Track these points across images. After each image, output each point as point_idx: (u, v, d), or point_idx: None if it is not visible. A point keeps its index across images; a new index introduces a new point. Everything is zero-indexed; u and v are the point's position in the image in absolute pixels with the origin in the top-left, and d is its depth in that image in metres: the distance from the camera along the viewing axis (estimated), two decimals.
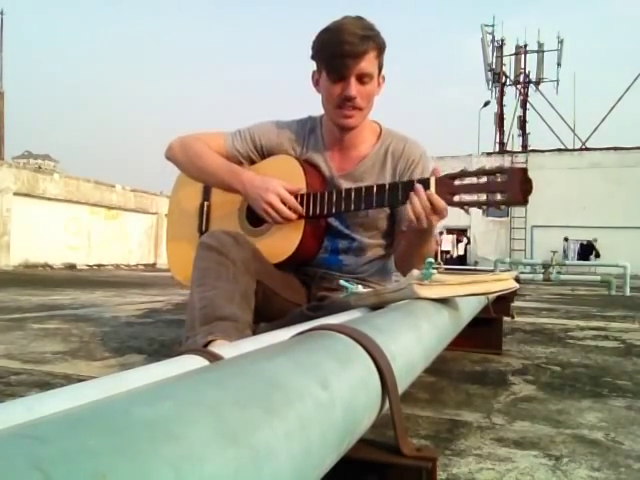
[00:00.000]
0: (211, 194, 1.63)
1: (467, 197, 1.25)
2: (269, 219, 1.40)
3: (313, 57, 1.42)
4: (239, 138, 1.54)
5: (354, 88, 1.35)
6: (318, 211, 1.40)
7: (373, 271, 1.54)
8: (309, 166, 1.48)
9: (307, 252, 1.46)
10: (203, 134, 1.56)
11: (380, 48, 1.38)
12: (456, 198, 1.25)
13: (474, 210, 1.29)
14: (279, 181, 1.40)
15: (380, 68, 1.41)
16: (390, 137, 1.52)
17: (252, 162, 1.56)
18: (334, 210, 1.40)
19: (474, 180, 1.25)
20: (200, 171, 1.51)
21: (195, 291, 1.22)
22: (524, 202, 1.21)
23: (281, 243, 1.44)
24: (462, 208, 1.26)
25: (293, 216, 1.39)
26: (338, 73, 1.34)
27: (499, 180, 1.22)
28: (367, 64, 1.34)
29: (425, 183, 1.26)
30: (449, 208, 1.26)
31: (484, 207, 1.24)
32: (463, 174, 1.25)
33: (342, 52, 1.31)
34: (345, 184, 1.48)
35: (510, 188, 1.21)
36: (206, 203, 1.63)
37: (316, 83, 1.45)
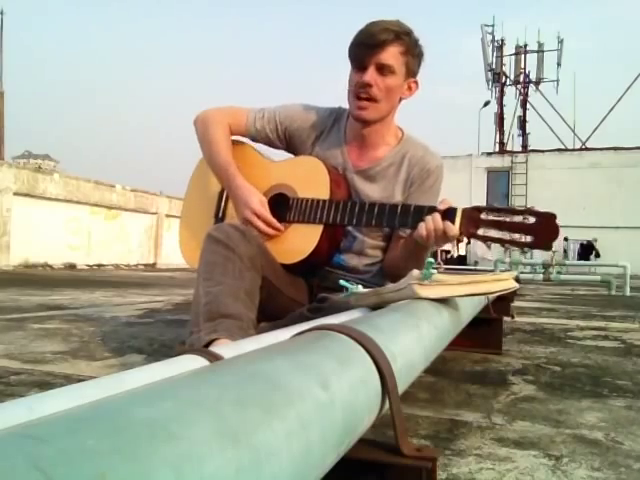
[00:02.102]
0: None
1: (491, 233, 1.24)
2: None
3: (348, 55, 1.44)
4: (261, 118, 1.56)
5: (370, 75, 1.36)
6: (338, 220, 1.39)
7: (375, 273, 1.54)
8: (335, 174, 1.48)
9: (320, 257, 1.44)
10: (229, 109, 1.59)
11: (408, 47, 1.39)
12: (480, 231, 1.25)
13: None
14: (259, 197, 1.44)
15: (409, 69, 1.42)
16: (410, 143, 1.53)
17: (270, 142, 1.57)
18: (354, 222, 1.39)
19: (501, 217, 1.24)
20: (207, 156, 1.56)
21: (201, 285, 1.22)
22: (549, 248, 1.22)
23: (296, 245, 1.42)
24: (485, 243, 1.26)
25: (269, 231, 1.42)
26: (358, 61, 1.38)
27: (527, 222, 1.22)
28: (388, 56, 1.36)
29: (451, 213, 1.26)
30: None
31: (507, 246, 1.24)
32: (491, 208, 1.26)
33: (363, 40, 1.36)
34: (358, 181, 1.49)
35: (538, 233, 1.21)
36: (226, 190, 1.61)
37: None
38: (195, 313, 1.19)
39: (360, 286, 1.21)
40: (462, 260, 21.23)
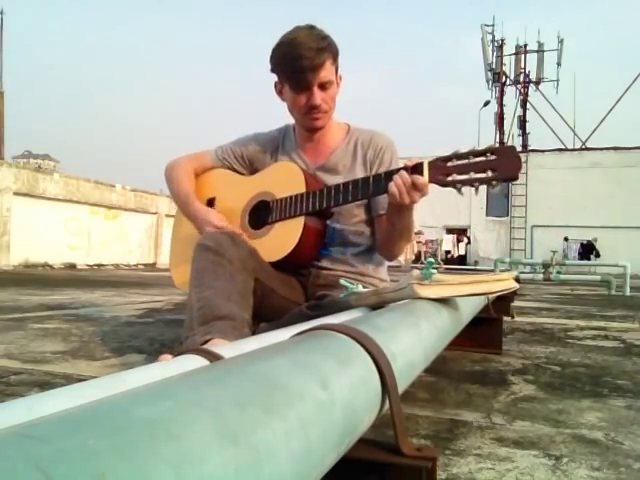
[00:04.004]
0: (215, 206, 1.66)
1: (459, 177, 1.29)
2: None
3: (273, 70, 1.51)
4: (221, 153, 1.68)
5: (318, 97, 1.45)
6: (317, 206, 1.44)
7: (365, 261, 1.56)
8: (308, 170, 1.55)
9: (304, 253, 1.47)
10: (192, 155, 1.72)
11: (334, 55, 1.47)
12: (449, 179, 1.29)
13: (475, 210, 1.32)
14: (214, 215, 1.53)
15: (336, 70, 1.50)
16: (358, 132, 1.61)
17: (235, 171, 1.68)
18: (332, 203, 1.44)
19: (465, 160, 1.29)
20: (172, 194, 1.69)
21: (193, 291, 1.23)
22: (515, 178, 1.26)
23: (281, 241, 1.45)
24: (455, 187, 1.30)
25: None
26: (301, 86, 1.44)
27: (490, 159, 1.27)
28: (326, 73, 1.44)
29: (419, 167, 1.30)
30: (452, 208, 1.30)
31: (476, 184, 1.28)
32: (455, 156, 1.29)
33: (302, 67, 1.41)
34: (322, 176, 1.56)
35: (501, 166, 1.26)
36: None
37: (279, 92, 1.54)
38: (189, 319, 1.21)
39: (360, 286, 1.21)
40: (462, 260, 21.24)
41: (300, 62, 1.40)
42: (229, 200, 1.62)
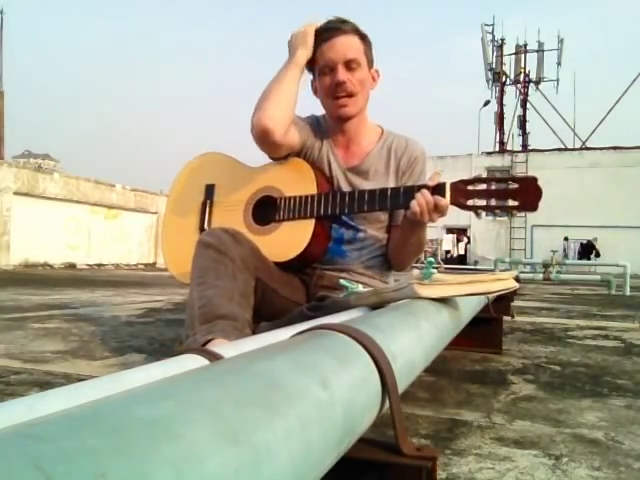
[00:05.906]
0: (214, 193, 1.62)
1: (480, 202, 1.30)
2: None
3: (309, 69, 1.50)
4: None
5: (342, 74, 1.43)
6: (330, 211, 1.42)
7: (375, 266, 1.55)
8: (318, 170, 1.51)
9: (314, 253, 1.46)
10: None
11: (363, 37, 1.47)
12: (469, 202, 1.30)
13: None
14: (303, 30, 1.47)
15: (369, 59, 1.49)
16: (392, 136, 1.58)
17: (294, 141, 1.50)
18: (346, 210, 1.42)
19: (487, 186, 1.30)
20: (274, 94, 1.42)
21: (194, 290, 1.22)
22: (535, 209, 1.27)
23: (289, 242, 1.43)
24: (475, 212, 1.31)
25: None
26: (327, 53, 1.44)
27: (511, 187, 1.27)
28: (352, 50, 1.44)
29: (441, 188, 1.30)
30: (453, 209, 1.31)
31: (497, 211, 1.30)
32: (477, 180, 1.30)
33: (328, 37, 1.42)
34: (352, 177, 1.53)
35: (522, 196, 1.27)
36: (208, 201, 1.62)
37: (315, 91, 1.53)
38: (190, 317, 1.19)
39: (360, 286, 1.21)
40: (462, 260, 21.24)
41: (325, 33, 1.43)
42: (230, 190, 1.57)
